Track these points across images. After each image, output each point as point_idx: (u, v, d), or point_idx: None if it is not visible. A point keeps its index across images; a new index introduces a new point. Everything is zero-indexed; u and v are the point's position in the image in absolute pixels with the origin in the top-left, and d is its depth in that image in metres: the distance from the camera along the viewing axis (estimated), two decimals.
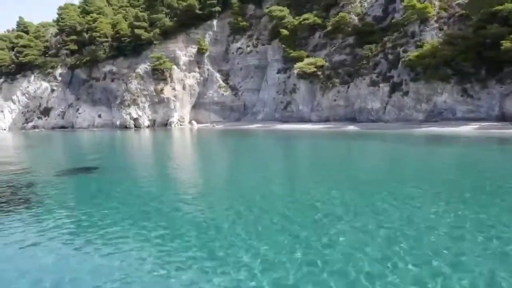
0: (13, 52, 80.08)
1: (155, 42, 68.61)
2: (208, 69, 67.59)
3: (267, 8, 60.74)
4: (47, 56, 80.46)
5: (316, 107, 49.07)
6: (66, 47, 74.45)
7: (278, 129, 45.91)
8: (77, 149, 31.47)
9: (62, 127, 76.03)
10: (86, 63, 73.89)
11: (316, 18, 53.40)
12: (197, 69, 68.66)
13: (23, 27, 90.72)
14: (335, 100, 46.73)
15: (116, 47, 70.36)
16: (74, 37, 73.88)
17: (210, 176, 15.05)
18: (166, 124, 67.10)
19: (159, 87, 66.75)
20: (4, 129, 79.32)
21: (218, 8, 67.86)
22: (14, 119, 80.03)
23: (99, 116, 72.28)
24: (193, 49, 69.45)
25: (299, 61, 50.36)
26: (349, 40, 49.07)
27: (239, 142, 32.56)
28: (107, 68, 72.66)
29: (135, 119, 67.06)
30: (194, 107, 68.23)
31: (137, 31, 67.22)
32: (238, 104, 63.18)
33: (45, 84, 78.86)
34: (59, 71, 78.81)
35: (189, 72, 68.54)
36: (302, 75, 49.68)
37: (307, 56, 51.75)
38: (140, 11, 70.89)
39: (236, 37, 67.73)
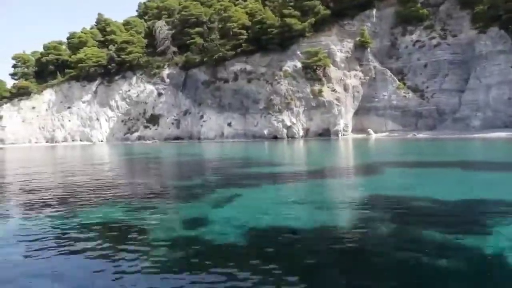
0: (112, 50, 67.44)
1: (307, 34, 56.38)
2: (375, 67, 55.17)
3: None
4: (153, 55, 68.01)
5: None
6: (190, 41, 61.79)
7: None
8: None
9: (177, 138, 62.82)
10: (207, 62, 61.37)
11: None
12: (358, 67, 56.25)
13: (104, 24, 78.56)
14: None
15: (256, 41, 57.92)
16: (199, 29, 61.49)
17: None
18: (321, 134, 54.22)
19: (315, 88, 54.15)
20: (101, 141, 66.07)
21: None
22: (112, 128, 66.92)
23: (229, 124, 59.24)
24: (349, 44, 57.23)
25: None
26: None
27: None
28: (237, 66, 60.14)
29: (288, 128, 54.11)
30: (356, 113, 55.51)
31: (288, 20, 55.02)
32: (429, 108, 50.49)
33: (150, 87, 66.27)
34: (166, 71, 66.26)
35: (348, 71, 56.10)
36: None
37: None
38: None
39: (408, 28, 55.67)
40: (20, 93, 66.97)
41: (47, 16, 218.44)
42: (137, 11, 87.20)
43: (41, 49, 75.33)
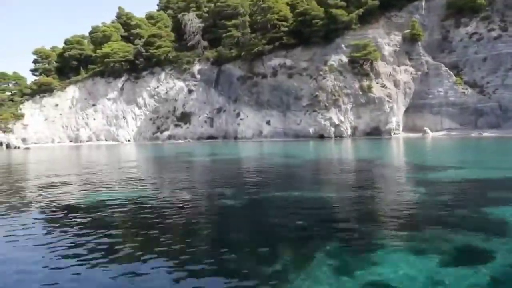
0: (139, 44, 63.76)
1: (353, 26, 52.77)
2: (427, 61, 51.56)
3: None
4: (180, 49, 64.35)
5: None
6: (227, 34, 58.06)
7: None
8: None
9: (210, 137, 59.16)
10: (244, 56, 57.70)
11: None
12: (407, 61, 52.65)
13: (125, 18, 74.94)
14: None
15: (297, 34, 54.29)
16: (235, 21, 57.82)
17: None
18: (369, 133, 50.62)
19: (364, 84, 50.54)
20: (128, 140, 62.39)
21: None
22: (139, 127, 63.20)
23: (267, 123, 55.58)
24: (396, 36, 53.66)
25: None
26: None
27: None
28: (276, 61, 56.52)
29: (336, 126, 50.48)
30: (407, 110, 51.90)
31: (334, 11, 51.41)
32: (490, 105, 46.86)
33: (179, 84, 62.64)
34: (197, 67, 62.60)
35: (398, 66, 52.50)
36: None
37: None
38: None
39: (462, 20, 52.05)
40: (42, 90, 63.22)
41: (65, 10, 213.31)
42: (158, 5, 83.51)
43: (56, 45, 71.91)
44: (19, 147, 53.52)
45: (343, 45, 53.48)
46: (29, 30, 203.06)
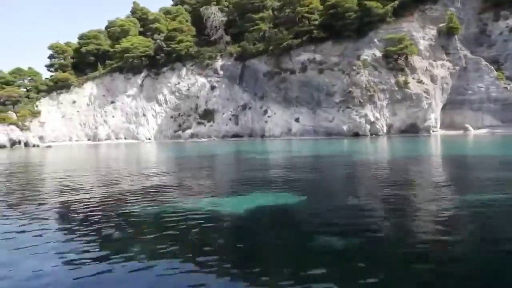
0: (160, 39, 61.56)
1: (388, 20, 50.66)
2: (465, 55, 49.51)
3: None
4: (201, 44, 62.20)
5: None
6: (254, 27, 55.88)
7: None
8: None
9: (235, 135, 57.00)
10: (271, 51, 55.54)
11: None
12: (444, 56, 50.58)
13: (140, 13, 72.72)
14: None
15: (327, 27, 52.14)
16: (263, 14, 55.64)
17: None
18: (404, 130, 48.55)
19: (400, 79, 48.44)
20: (148, 139, 60.14)
21: None
22: (159, 125, 60.99)
23: (296, 120, 53.45)
24: (431, 30, 51.60)
25: None
26: None
27: None
28: (304, 56, 54.39)
29: (371, 123, 48.38)
30: (444, 107, 49.84)
31: (368, 3, 49.28)
32: None
33: (201, 80, 60.49)
34: (219, 62, 60.44)
35: (434, 60, 50.41)
36: None
37: None
38: None
39: (501, 13, 49.98)
40: (58, 86, 60.86)
41: (78, 5, 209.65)
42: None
43: (68, 40, 69.36)
44: (38, 146, 51.19)
45: (375, 39, 51.38)
46: (40, 26, 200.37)
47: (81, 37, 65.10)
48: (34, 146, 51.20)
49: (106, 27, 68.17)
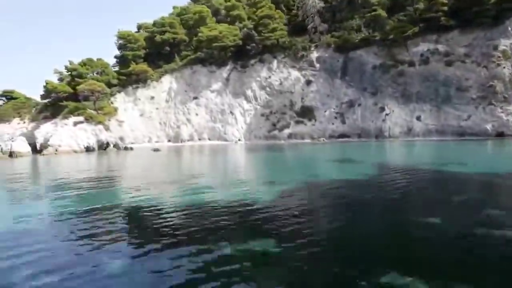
0: (249, 26, 54.77)
1: None
2: None
3: None
4: (291, 34, 55.77)
5: None
6: (373, 13, 49.67)
7: None
8: None
9: (342, 135, 50.86)
10: (377, 42, 49.65)
11: None
12: None
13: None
14: None
15: (454, 14, 46.43)
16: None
17: None
18: None
19: None
20: (238, 140, 53.46)
21: None
22: (249, 124, 54.30)
23: (418, 118, 47.65)
24: None
25: None
26: None
27: None
28: (423, 46, 48.69)
29: None
30: None
31: None
32: None
33: (295, 73, 54.16)
34: (315, 54, 54.18)
35: None
36: None
37: None
38: None
39: None
40: (133, 80, 53.46)
41: None
42: None
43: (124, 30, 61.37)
44: (131, 148, 43.94)
45: (510, 28, 45.96)
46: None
47: (154, 24, 57.46)
48: (125, 148, 43.97)
49: (179, 14, 60.60)
